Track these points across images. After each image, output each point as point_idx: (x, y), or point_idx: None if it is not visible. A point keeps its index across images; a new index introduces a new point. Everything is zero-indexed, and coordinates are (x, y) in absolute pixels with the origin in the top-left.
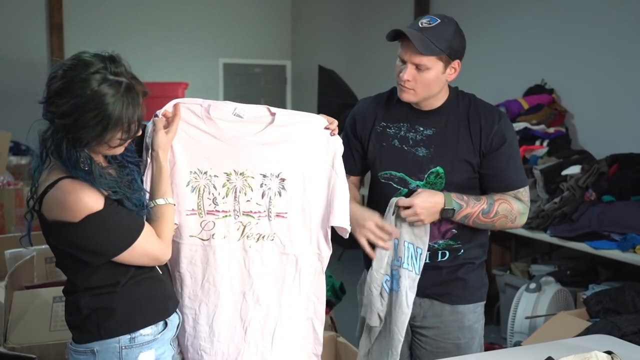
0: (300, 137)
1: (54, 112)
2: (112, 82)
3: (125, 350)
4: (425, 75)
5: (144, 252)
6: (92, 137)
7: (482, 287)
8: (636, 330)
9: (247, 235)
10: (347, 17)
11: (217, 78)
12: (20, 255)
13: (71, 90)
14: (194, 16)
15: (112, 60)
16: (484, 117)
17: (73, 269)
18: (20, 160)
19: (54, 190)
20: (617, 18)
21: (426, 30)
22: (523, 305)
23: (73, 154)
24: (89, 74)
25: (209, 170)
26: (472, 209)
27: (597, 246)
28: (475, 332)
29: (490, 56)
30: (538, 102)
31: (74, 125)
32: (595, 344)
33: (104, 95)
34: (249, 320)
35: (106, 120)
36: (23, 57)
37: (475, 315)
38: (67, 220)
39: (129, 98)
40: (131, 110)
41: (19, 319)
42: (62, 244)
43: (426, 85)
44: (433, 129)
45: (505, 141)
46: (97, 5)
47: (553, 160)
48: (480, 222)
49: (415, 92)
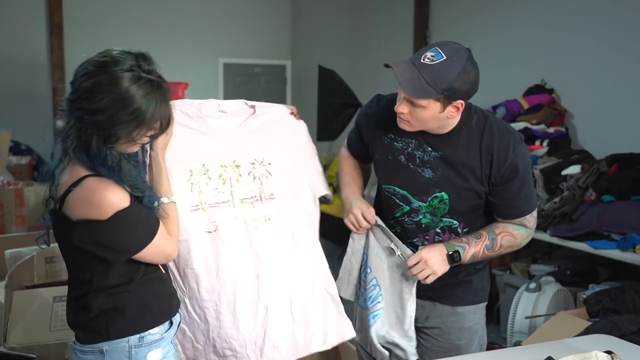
0: (275, 124)
1: (86, 109)
2: (145, 80)
3: (134, 350)
4: (421, 113)
5: (159, 249)
6: (125, 134)
7: (483, 289)
8: (636, 330)
9: (247, 219)
10: (347, 17)
11: (217, 78)
12: (20, 255)
13: (104, 88)
14: (194, 16)
15: (144, 57)
16: (497, 147)
17: (89, 268)
18: (20, 160)
19: (78, 189)
20: (617, 18)
21: (424, 67)
22: (523, 305)
23: (103, 150)
24: (123, 70)
25: (204, 165)
26: (476, 248)
27: (597, 246)
28: (475, 333)
29: (490, 56)
30: (538, 102)
31: (107, 121)
32: (595, 343)
33: (137, 95)
34: (267, 299)
35: (141, 118)
36: (23, 56)
37: (476, 316)
38: (95, 218)
39: (160, 96)
40: (163, 108)
41: (19, 318)
42: (86, 243)
43: (422, 121)
44: (441, 152)
45: (518, 173)
46: (97, 5)
47: (553, 160)
48: (487, 256)
49: (410, 124)
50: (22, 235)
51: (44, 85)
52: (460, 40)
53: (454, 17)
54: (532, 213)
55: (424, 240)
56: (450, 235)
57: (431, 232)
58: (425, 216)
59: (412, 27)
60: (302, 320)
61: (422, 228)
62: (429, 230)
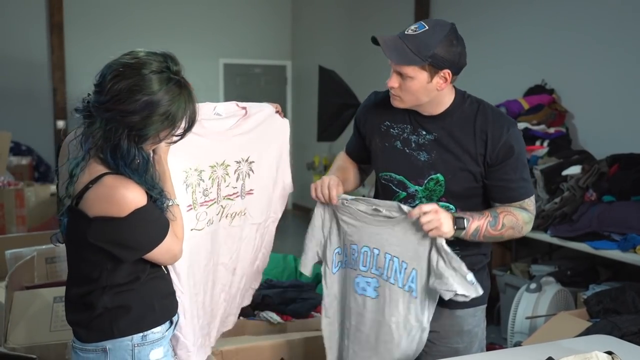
0: (262, 124)
1: (120, 110)
2: (174, 81)
3: (137, 348)
4: (409, 84)
5: (168, 249)
6: (154, 134)
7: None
8: (636, 330)
9: (226, 214)
10: (348, 17)
11: (217, 78)
12: (21, 255)
13: (139, 89)
14: (194, 16)
15: (172, 58)
16: (491, 127)
17: (98, 265)
18: (20, 161)
19: (97, 186)
20: (617, 18)
21: (408, 37)
22: (523, 305)
23: (132, 151)
24: (154, 72)
25: (198, 166)
26: (479, 222)
27: (598, 246)
28: (475, 336)
29: (490, 56)
30: (538, 102)
31: (140, 122)
32: (595, 344)
33: (170, 95)
34: (229, 283)
35: (171, 119)
36: (23, 56)
37: (475, 319)
38: (113, 216)
39: (188, 97)
40: (191, 109)
41: (19, 319)
42: (100, 240)
43: (411, 94)
44: (435, 134)
45: (513, 153)
46: (97, 5)
47: (553, 160)
48: (490, 235)
49: (401, 99)
50: (23, 235)
51: (44, 86)
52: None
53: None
54: (531, 198)
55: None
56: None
57: None
58: (422, 201)
59: None
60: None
61: None
62: None
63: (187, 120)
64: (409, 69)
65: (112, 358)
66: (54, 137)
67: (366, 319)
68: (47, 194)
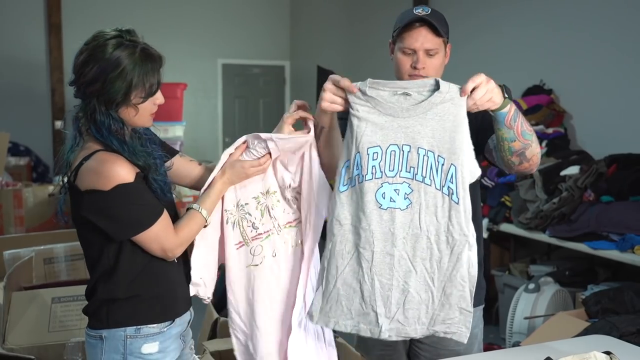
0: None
1: (83, 83)
2: (127, 44)
3: (130, 340)
4: (435, 61)
5: (156, 238)
6: (121, 97)
7: (479, 291)
8: (635, 330)
9: (293, 244)
10: (346, 17)
11: (215, 78)
12: (19, 256)
13: (93, 58)
14: (192, 16)
15: (127, 31)
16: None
17: (98, 248)
18: (19, 161)
19: (90, 161)
20: (616, 18)
21: (430, 16)
22: (522, 305)
23: (107, 119)
24: (107, 39)
25: (239, 201)
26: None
27: (596, 246)
28: (475, 338)
29: (488, 56)
30: (537, 103)
31: (102, 88)
32: (593, 344)
33: (122, 56)
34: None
35: (129, 77)
36: (21, 57)
37: (474, 320)
38: (99, 189)
39: (145, 58)
40: (150, 69)
41: (17, 319)
42: (91, 212)
43: (436, 70)
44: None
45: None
46: (95, 5)
47: (552, 160)
48: (527, 128)
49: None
50: (21, 236)
51: (42, 86)
52: (460, 40)
53: (453, 17)
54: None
55: None
56: None
57: None
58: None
59: None
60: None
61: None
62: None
63: (150, 79)
64: (439, 42)
65: (107, 346)
66: (52, 138)
67: (397, 237)
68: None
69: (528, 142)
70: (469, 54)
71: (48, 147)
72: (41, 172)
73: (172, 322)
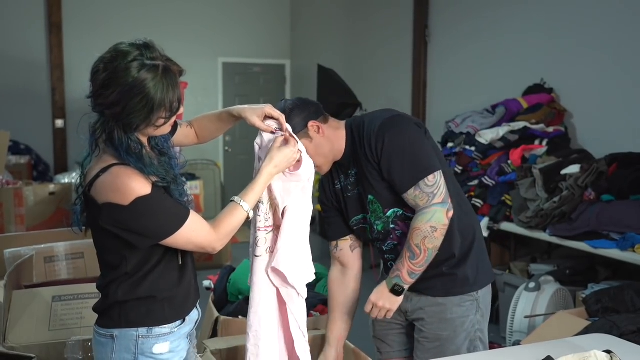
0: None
1: (102, 104)
2: (150, 66)
3: (141, 340)
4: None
5: (189, 239)
6: (141, 121)
7: (469, 281)
8: (635, 329)
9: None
10: (347, 16)
11: (216, 77)
12: (20, 254)
13: (115, 81)
14: (193, 15)
15: (147, 46)
16: (366, 136)
17: (117, 253)
18: (19, 160)
19: (106, 174)
20: (616, 17)
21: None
22: (522, 304)
23: (125, 140)
24: (128, 62)
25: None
26: (405, 267)
27: (596, 245)
28: (460, 327)
29: (489, 55)
30: (537, 102)
31: (122, 112)
32: (594, 343)
33: (145, 80)
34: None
35: (151, 103)
36: (22, 56)
37: (462, 309)
38: (117, 203)
39: (167, 79)
40: (171, 90)
41: (18, 318)
42: (111, 225)
43: (318, 155)
44: (354, 169)
45: (384, 145)
46: (96, 4)
47: (552, 159)
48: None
49: (320, 167)
50: (21, 234)
51: (43, 85)
52: (459, 40)
53: (454, 17)
54: (423, 182)
55: (393, 242)
56: (405, 223)
57: (391, 231)
58: (377, 223)
59: (412, 27)
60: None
61: (383, 234)
62: (389, 231)
63: (171, 101)
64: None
65: (118, 345)
66: (53, 136)
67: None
68: (46, 193)
69: (430, 256)
70: (469, 54)
71: (48, 145)
72: (42, 171)
73: (182, 322)
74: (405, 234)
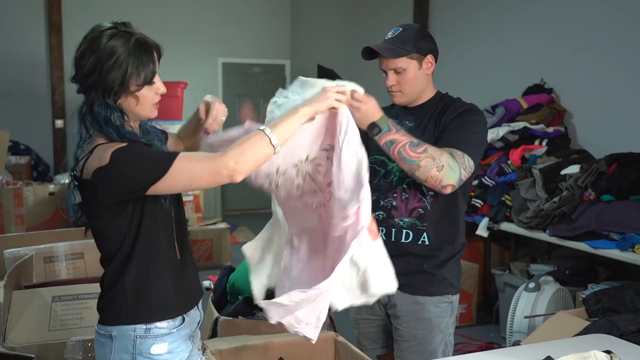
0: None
1: (82, 75)
2: (122, 34)
3: (139, 340)
4: (405, 76)
5: (192, 173)
6: (117, 84)
7: (448, 282)
8: (635, 329)
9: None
10: (347, 16)
11: (216, 77)
12: (19, 254)
13: (89, 50)
14: (193, 16)
15: (123, 23)
16: (454, 103)
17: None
18: (19, 160)
19: (92, 155)
20: (616, 18)
21: (390, 39)
22: (522, 304)
23: (104, 110)
24: (102, 31)
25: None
26: (400, 137)
27: (596, 246)
28: (437, 327)
29: (489, 56)
30: (537, 102)
31: (99, 78)
32: (594, 343)
33: (116, 45)
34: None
35: (124, 65)
36: (22, 56)
37: (439, 310)
38: (100, 166)
39: (140, 48)
40: (145, 57)
41: (17, 318)
42: (108, 193)
43: (409, 84)
44: (414, 122)
45: (460, 114)
46: (96, 4)
47: (552, 159)
48: (406, 154)
49: (402, 93)
50: (21, 235)
51: (43, 85)
52: (460, 40)
53: (454, 17)
54: (464, 154)
55: (391, 201)
56: (416, 192)
57: (398, 189)
58: (396, 175)
59: None
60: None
61: (392, 186)
62: (397, 187)
63: (145, 66)
64: (400, 61)
65: (117, 345)
66: (53, 137)
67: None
68: (46, 193)
69: (412, 167)
70: (469, 54)
71: (48, 145)
72: (41, 171)
73: (182, 323)
74: (404, 207)
